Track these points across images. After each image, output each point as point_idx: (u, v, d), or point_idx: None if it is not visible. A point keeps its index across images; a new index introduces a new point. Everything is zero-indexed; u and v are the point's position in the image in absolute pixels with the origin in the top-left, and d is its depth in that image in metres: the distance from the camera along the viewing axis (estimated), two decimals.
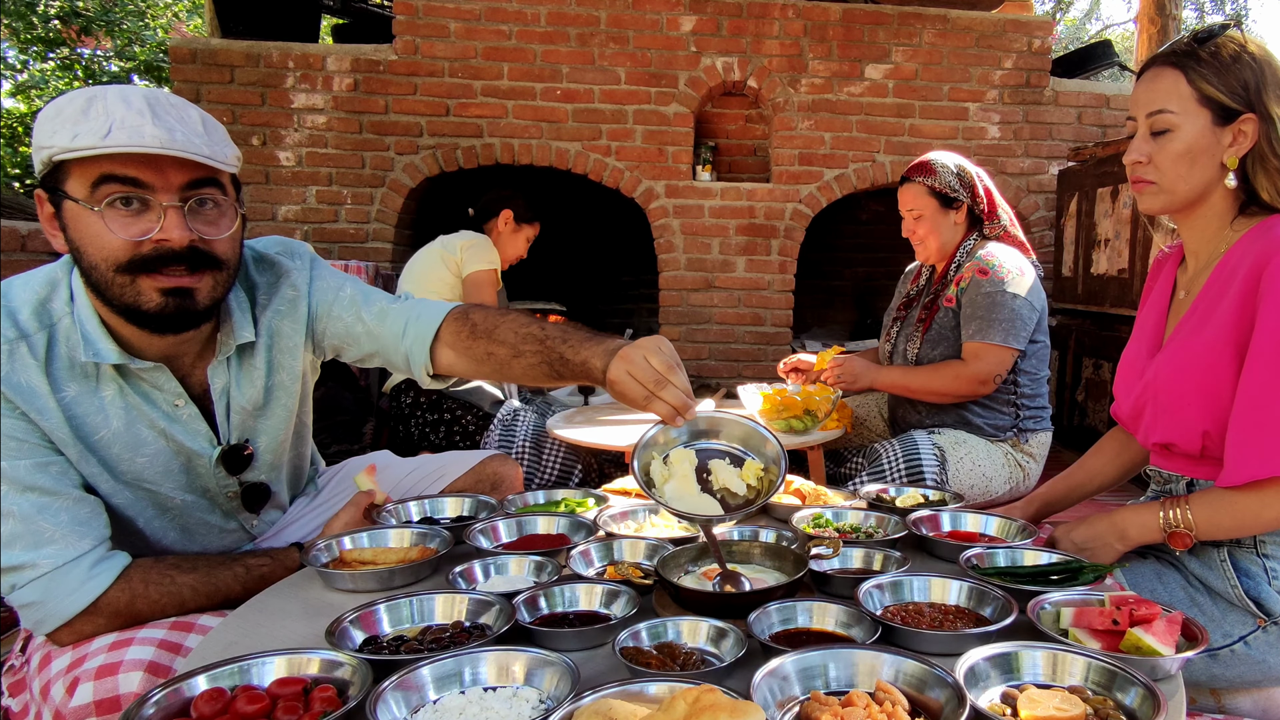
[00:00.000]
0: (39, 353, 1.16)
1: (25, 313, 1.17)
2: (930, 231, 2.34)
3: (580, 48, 4.12)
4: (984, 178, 2.38)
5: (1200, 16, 14.79)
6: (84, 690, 1.06)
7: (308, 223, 4.09)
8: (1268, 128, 1.25)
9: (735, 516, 1.19)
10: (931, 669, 0.88)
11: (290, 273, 1.42)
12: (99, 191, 1.09)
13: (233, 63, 3.97)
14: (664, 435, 1.24)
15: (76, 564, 1.14)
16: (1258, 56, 1.26)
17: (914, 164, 2.41)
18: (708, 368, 4.35)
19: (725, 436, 1.27)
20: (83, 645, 1.13)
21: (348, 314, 1.44)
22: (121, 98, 1.10)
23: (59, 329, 1.18)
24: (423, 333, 1.41)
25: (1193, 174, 1.29)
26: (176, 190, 1.13)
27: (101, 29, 10.25)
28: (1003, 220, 2.36)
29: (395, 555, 1.29)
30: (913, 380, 2.30)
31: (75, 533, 1.15)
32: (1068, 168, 4.24)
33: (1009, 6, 4.83)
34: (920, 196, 2.34)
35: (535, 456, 2.62)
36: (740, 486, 1.21)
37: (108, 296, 1.14)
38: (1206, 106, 1.26)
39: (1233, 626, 1.29)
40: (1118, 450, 1.68)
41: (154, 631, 1.14)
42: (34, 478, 1.13)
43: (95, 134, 1.06)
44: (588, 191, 4.57)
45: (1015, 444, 2.34)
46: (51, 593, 1.12)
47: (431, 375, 1.46)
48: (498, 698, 0.89)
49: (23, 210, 4.00)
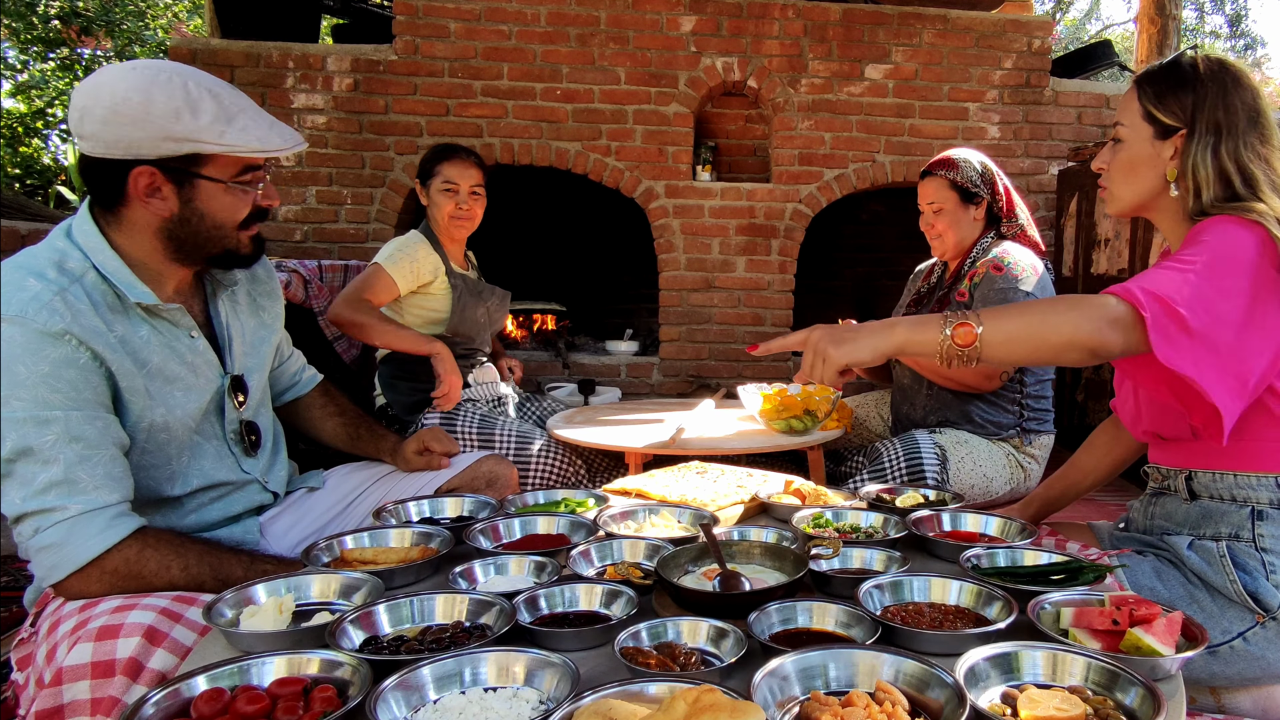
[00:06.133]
0: (83, 299, 1.26)
1: (52, 271, 1.26)
2: (949, 226, 2.35)
3: (580, 48, 4.12)
4: (1004, 178, 2.38)
5: (1200, 16, 14.79)
6: (82, 650, 1.08)
7: (308, 223, 4.09)
8: (1191, 145, 1.33)
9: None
10: (931, 669, 0.88)
11: None
12: (243, 176, 1.35)
13: (233, 63, 3.97)
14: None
15: (101, 513, 1.21)
16: (1207, 77, 1.33)
17: (936, 159, 2.42)
18: (708, 368, 4.35)
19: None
20: (89, 608, 1.16)
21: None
22: (226, 91, 1.32)
23: (85, 280, 1.28)
24: (314, 377, 1.90)
25: (1133, 182, 1.41)
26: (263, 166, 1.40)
27: (101, 29, 10.24)
28: (1020, 220, 2.36)
29: (396, 555, 1.29)
30: (934, 374, 2.31)
31: (108, 485, 1.23)
32: (1068, 168, 4.24)
33: (1009, 6, 4.82)
34: (942, 189, 2.35)
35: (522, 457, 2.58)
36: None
37: (207, 248, 1.38)
38: (1149, 122, 1.37)
39: (1231, 623, 1.30)
40: (1108, 445, 1.71)
41: (158, 600, 1.18)
42: (83, 429, 1.21)
43: (263, 140, 1.31)
44: (588, 191, 4.57)
45: (1018, 445, 2.34)
46: (73, 535, 1.19)
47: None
48: (498, 698, 0.89)
49: (23, 210, 4.00)
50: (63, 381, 1.20)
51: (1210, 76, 1.33)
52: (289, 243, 4.05)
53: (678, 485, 1.69)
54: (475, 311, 2.78)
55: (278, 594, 1.13)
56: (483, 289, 2.83)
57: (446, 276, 2.70)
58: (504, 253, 3.05)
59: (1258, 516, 1.32)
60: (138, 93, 1.23)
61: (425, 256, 2.66)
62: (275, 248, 4.01)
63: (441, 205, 2.69)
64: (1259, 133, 1.32)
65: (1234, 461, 1.34)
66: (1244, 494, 1.33)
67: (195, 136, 1.27)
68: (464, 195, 2.69)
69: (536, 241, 5.20)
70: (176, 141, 1.26)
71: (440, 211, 2.70)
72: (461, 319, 2.73)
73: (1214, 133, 1.32)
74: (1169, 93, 1.35)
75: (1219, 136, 1.31)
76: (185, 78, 1.28)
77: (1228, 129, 1.31)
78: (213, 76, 1.34)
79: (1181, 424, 1.37)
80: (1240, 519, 1.33)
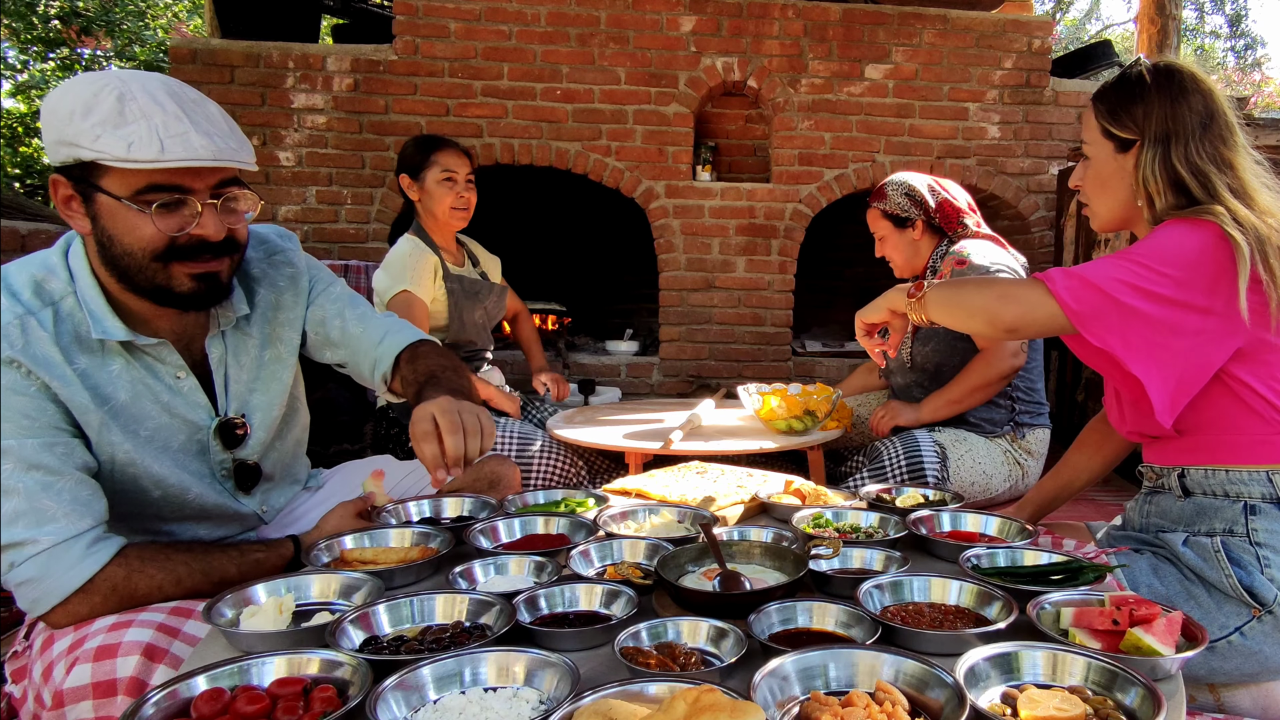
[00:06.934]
0: (47, 326, 1.20)
1: (26, 293, 1.21)
2: (894, 250, 2.48)
3: (580, 48, 4.12)
4: (941, 189, 2.42)
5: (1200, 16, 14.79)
6: (81, 671, 1.06)
7: (308, 223, 4.08)
8: (1141, 155, 1.35)
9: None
10: (931, 669, 0.88)
11: (284, 250, 1.51)
12: (144, 196, 1.16)
13: (233, 63, 3.97)
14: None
15: (76, 541, 1.16)
16: (1154, 87, 1.36)
17: (875, 189, 2.51)
18: (708, 368, 4.35)
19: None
20: (84, 627, 1.14)
21: (332, 306, 1.54)
22: (150, 96, 1.15)
23: (62, 306, 1.23)
24: (394, 345, 1.54)
25: (1107, 197, 1.44)
26: (210, 189, 1.22)
27: (101, 29, 10.24)
28: (969, 225, 2.40)
29: (396, 555, 1.29)
30: (950, 392, 2.31)
31: (76, 511, 1.17)
32: (1068, 168, 4.24)
33: (1009, 6, 4.82)
34: (877, 220, 2.50)
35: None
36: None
37: (136, 280, 1.21)
38: (1107, 138, 1.41)
39: (1228, 618, 1.31)
40: (1099, 443, 1.72)
41: (154, 615, 1.15)
42: (40, 456, 1.16)
43: (149, 147, 1.12)
44: (588, 191, 4.57)
45: (1013, 439, 2.34)
46: (50, 569, 1.14)
47: (388, 388, 1.57)
48: (498, 698, 0.89)
49: (23, 210, 4.00)
50: (12, 410, 1.15)
51: (1158, 85, 1.35)
52: None
53: (678, 485, 1.69)
54: (473, 314, 2.73)
55: (278, 594, 1.13)
56: (479, 288, 2.75)
57: (443, 280, 2.65)
58: (504, 253, 3.04)
59: (1250, 511, 1.32)
60: (60, 92, 1.16)
61: (428, 263, 2.60)
62: None
63: (440, 197, 2.62)
64: (1214, 135, 1.33)
65: (1224, 457, 1.35)
66: (1236, 489, 1.34)
67: (73, 139, 1.13)
68: (462, 184, 2.65)
69: (536, 241, 5.20)
70: (67, 146, 1.14)
71: (439, 204, 2.63)
72: (461, 326, 2.69)
73: (1162, 141, 1.33)
74: (1120, 107, 1.38)
75: (1167, 144, 1.33)
76: (126, 82, 1.15)
77: (1175, 135, 1.33)
78: (184, 87, 1.21)
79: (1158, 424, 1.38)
80: (1233, 514, 1.33)
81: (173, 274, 1.22)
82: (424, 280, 2.56)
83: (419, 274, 2.55)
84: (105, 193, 1.16)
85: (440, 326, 2.68)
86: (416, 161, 2.64)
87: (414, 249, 2.61)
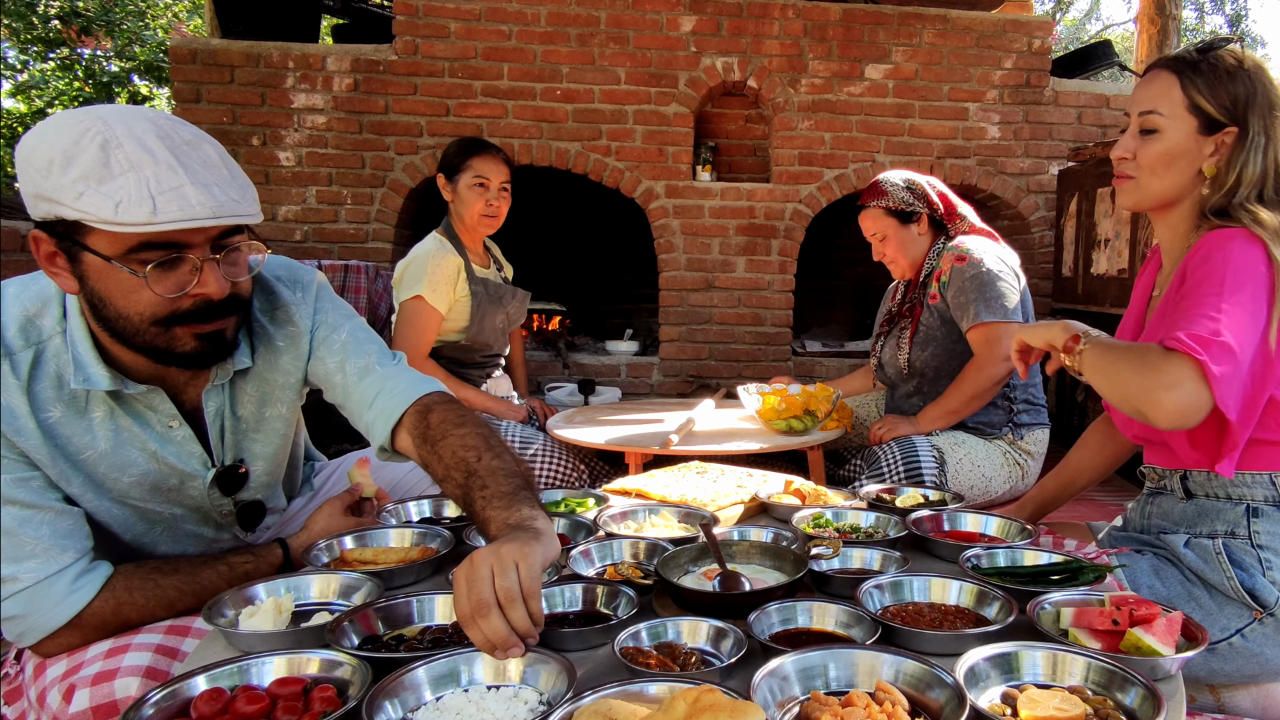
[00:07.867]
0: (21, 372, 1.13)
1: (11, 330, 1.14)
2: (897, 249, 2.40)
3: (580, 48, 4.12)
4: (936, 184, 2.42)
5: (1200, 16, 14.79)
6: (80, 697, 1.05)
7: (308, 223, 4.08)
8: (1244, 142, 1.30)
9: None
10: (931, 669, 0.88)
11: (290, 306, 1.37)
12: (135, 256, 1.04)
13: (233, 63, 3.97)
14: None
15: (59, 577, 1.12)
16: (1252, 74, 1.31)
17: (866, 191, 2.45)
18: (708, 368, 4.35)
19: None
20: (78, 653, 1.12)
21: (333, 359, 1.38)
22: (138, 142, 1.02)
23: (48, 347, 1.15)
24: (388, 411, 1.32)
25: (1168, 175, 1.36)
26: (210, 243, 1.09)
27: (101, 29, 10.25)
28: (966, 218, 2.40)
29: (396, 555, 1.29)
30: (947, 403, 2.29)
31: (57, 546, 1.13)
32: (1068, 168, 4.24)
33: (1009, 6, 4.82)
34: (879, 219, 2.40)
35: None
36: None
37: (134, 341, 1.11)
38: (1194, 114, 1.33)
39: (1229, 620, 1.30)
40: (1101, 443, 1.71)
41: (150, 636, 1.13)
42: (14, 492, 1.12)
43: (140, 208, 0.98)
44: (588, 191, 4.57)
45: (1011, 440, 2.34)
46: (34, 606, 1.11)
47: (391, 451, 1.36)
48: (497, 697, 0.89)
49: (23, 210, 3.99)
50: None
51: (1255, 74, 1.31)
52: (289, 243, 4.05)
53: (678, 485, 1.69)
54: (494, 318, 2.72)
55: (277, 594, 1.13)
56: (503, 293, 2.73)
57: (467, 283, 2.63)
58: (504, 253, 3.04)
59: (1253, 514, 1.32)
60: (36, 137, 1.03)
61: (451, 265, 2.59)
62: (275, 248, 4.00)
63: (470, 202, 2.61)
64: None
65: None
66: (1239, 492, 1.34)
67: (53, 195, 1.00)
68: (494, 192, 2.64)
69: (536, 241, 5.20)
70: (46, 202, 1.02)
71: (469, 209, 2.62)
72: (480, 328, 2.68)
73: (1265, 133, 1.30)
74: (1219, 86, 1.31)
75: (1268, 138, 1.30)
76: (110, 125, 1.02)
77: (1273, 130, 1.30)
78: (178, 125, 1.08)
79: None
80: (1236, 516, 1.33)
81: (175, 336, 1.12)
82: (442, 285, 2.55)
83: (437, 278, 2.54)
84: (93, 252, 1.04)
85: (460, 328, 2.67)
86: (454, 163, 2.65)
87: (438, 249, 2.60)
